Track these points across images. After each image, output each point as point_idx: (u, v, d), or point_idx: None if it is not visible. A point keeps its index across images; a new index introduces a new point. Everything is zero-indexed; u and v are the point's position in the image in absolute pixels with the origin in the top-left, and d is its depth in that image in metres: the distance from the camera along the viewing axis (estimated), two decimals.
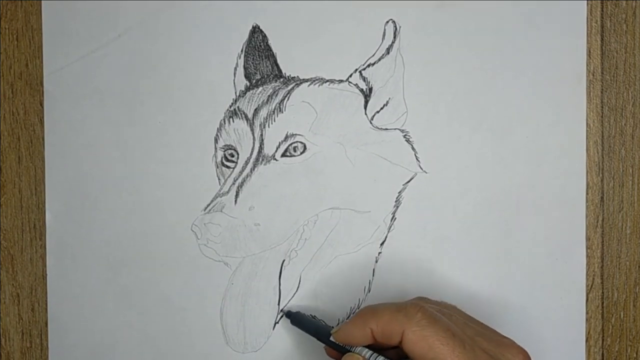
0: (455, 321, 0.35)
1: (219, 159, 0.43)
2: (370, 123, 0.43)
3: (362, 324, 0.36)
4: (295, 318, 0.41)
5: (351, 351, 0.37)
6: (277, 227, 0.43)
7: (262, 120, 0.43)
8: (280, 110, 0.43)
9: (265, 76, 0.43)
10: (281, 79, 0.43)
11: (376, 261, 0.43)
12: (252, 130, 0.43)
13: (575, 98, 0.42)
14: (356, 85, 0.43)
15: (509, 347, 0.35)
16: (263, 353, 0.43)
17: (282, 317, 0.43)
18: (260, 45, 0.43)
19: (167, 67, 0.44)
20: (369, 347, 0.36)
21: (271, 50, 0.43)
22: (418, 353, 0.33)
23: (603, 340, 0.42)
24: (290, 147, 0.43)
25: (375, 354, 0.36)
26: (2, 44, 0.45)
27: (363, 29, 0.43)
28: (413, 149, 0.43)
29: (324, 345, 0.39)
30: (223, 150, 0.43)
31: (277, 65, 0.43)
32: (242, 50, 0.43)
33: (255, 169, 0.43)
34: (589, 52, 0.42)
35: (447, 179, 0.43)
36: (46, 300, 0.45)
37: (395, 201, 0.43)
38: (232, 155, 0.43)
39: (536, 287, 0.42)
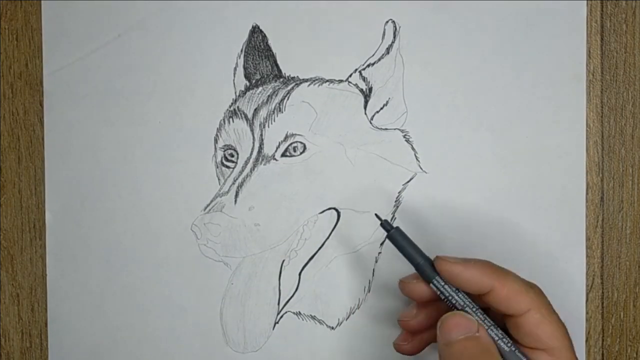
0: None
1: (218, 159, 0.43)
2: (370, 123, 0.43)
3: (488, 275, 0.34)
4: (394, 235, 0.37)
5: (458, 308, 0.35)
6: (277, 227, 0.43)
7: (262, 120, 0.43)
8: (280, 110, 0.43)
9: (265, 76, 0.43)
10: (281, 79, 0.43)
11: (376, 261, 0.43)
12: (252, 130, 0.43)
13: (575, 98, 0.42)
14: (356, 85, 0.43)
15: None
16: (263, 353, 0.43)
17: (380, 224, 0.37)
18: (260, 45, 0.43)
19: (167, 67, 0.44)
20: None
21: (271, 50, 0.43)
22: (540, 335, 0.34)
23: (603, 340, 0.42)
24: (290, 147, 0.43)
25: (486, 320, 0.35)
26: (2, 44, 0.45)
27: (363, 29, 0.43)
28: (413, 149, 0.43)
29: (401, 280, 0.37)
30: (223, 150, 0.43)
31: (277, 65, 0.43)
32: (242, 50, 0.43)
33: (255, 169, 0.43)
34: (589, 52, 0.42)
35: (447, 179, 0.43)
36: (46, 300, 0.45)
37: (395, 201, 0.43)
38: (232, 155, 0.43)
39: None
